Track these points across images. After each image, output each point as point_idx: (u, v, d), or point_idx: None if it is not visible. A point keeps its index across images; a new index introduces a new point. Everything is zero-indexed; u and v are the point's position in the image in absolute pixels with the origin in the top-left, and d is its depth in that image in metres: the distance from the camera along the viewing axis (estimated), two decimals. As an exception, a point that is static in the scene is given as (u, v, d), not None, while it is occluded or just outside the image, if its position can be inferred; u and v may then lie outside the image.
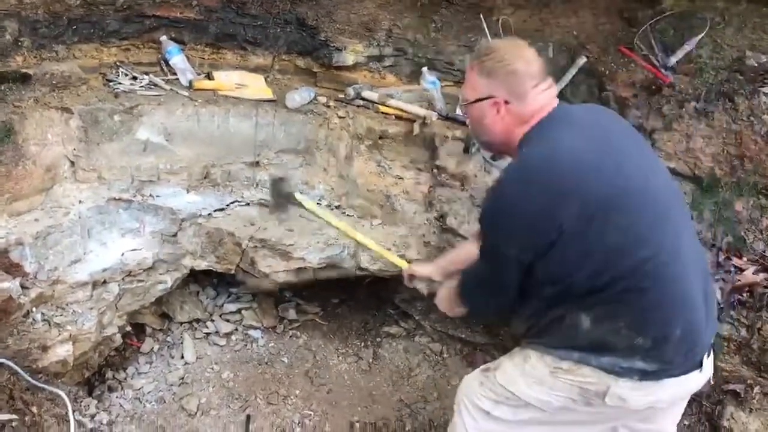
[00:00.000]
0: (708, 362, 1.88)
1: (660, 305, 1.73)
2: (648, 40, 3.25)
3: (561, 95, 3.32)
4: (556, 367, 1.87)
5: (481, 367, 2.20)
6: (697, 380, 1.87)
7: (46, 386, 2.43)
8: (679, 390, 1.86)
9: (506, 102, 1.84)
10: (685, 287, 1.78)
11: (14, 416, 2.15)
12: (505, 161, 3.09)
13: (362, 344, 3.60)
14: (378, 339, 3.64)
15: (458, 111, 3.31)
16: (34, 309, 2.54)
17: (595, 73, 3.30)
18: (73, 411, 2.44)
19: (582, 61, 3.31)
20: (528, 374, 1.94)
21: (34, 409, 2.32)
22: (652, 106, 3.10)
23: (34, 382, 2.38)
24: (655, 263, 1.72)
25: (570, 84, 3.36)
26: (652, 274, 1.72)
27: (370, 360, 3.47)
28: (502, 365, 2.07)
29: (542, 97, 1.86)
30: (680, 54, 3.15)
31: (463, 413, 2.12)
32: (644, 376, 1.77)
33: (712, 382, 2.11)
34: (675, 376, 1.79)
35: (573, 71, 3.34)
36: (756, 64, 2.91)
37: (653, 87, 3.12)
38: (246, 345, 3.47)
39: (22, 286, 2.48)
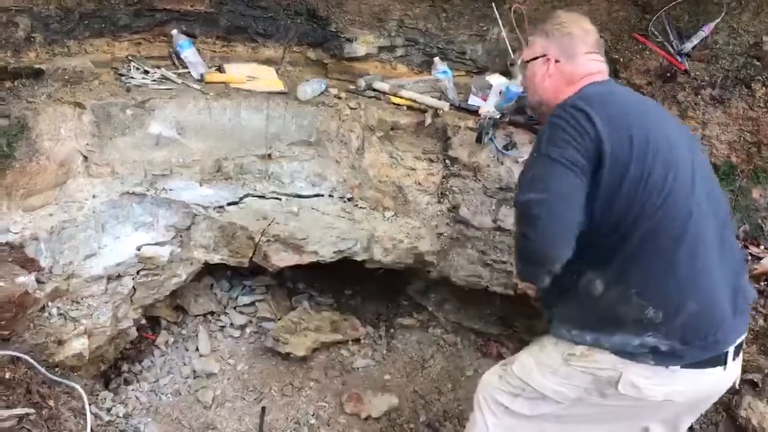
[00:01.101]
0: (734, 364, 1.84)
1: (674, 271, 1.72)
2: (662, 27, 3.21)
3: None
4: (570, 354, 1.87)
5: (500, 362, 2.21)
6: (719, 379, 1.83)
7: (62, 380, 2.45)
8: (697, 385, 1.82)
9: (557, 60, 2.00)
10: (706, 266, 1.75)
11: (32, 410, 2.16)
12: (519, 152, 3.10)
13: (376, 335, 3.60)
14: (392, 330, 3.64)
15: (470, 100, 3.30)
16: (49, 303, 2.56)
17: (609, 60, 3.24)
18: (90, 404, 2.46)
19: (596, 48, 3.28)
20: (542, 363, 1.95)
21: (51, 403, 2.34)
22: (667, 94, 3.07)
23: (50, 376, 2.40)
24: (680, 225, 1.72)
25: (583, 72, 3.33)
26: (673, 235, 1.72)
27: (384, 351, 3.47)
28: (518, 357, 2.08)
29: (592, 63, 1.99)
30: (695, 40, 3.11)
31: (484, 409, 2.11)
32: (658, 357, 1.74)
33: (737, 386, 2.04)
34: (692, 366, 1.76)
35: (586, 59, 3.31)
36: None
37: (668, 74, 3.09)
38: (260, 337, 3.48)
39: (38, 281, 2.49)
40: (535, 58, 2.06)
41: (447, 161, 3.22)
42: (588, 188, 1.73)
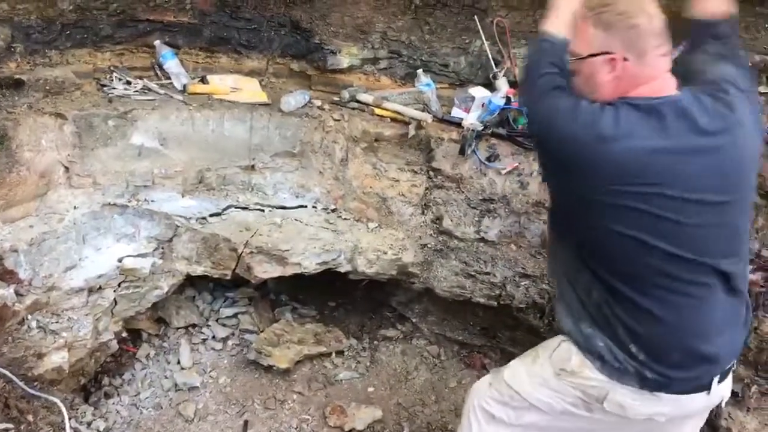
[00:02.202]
0: (722, 386, 1.84)
1: (660, 324, 1.72)
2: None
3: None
4: (561, 369, 1.88)
5: (492, 370, 2.23)
6: (703, 402, 1.84)
7: (41, 394, 2.41)
8: (681, 408, 1.83)
9: (624, 59, 1.66)
10: (703, 314, 1.73)
11: (10, 425, 2.13)
12: (502, 164, 3.12)
13: (360, 347, 3.59)
14: (375, 342, 3.63)
15: (453, 113, 3.31)
16: (29, 316, 2.53)
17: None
18: (69, 418, 2.42)
19: (576, 62, 3.32)
20: (534, 374, 1.96)
21: (30, 418, 2.30)
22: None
23: (29, 390, 2.36)
24: (673, 282, 1.69)
25: (565, 85, 3.36)
26: (662, 294, 1.71)
27: (368, 363, 3.46)
28: (511, 364, 2.10)
29: (662, 62, 1.71)
30: (674, 55, 3.15)
31: (470, 416, 2.12)
32: (643, 382, 1.75)
33: (724, 405, 2.04)
34: (675, 393, 1.77)
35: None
36: (750, 64, 2.91)
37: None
38: (243, 350, 3.45)
39: (17, 293, 2.46)
40: (594, 55, 1.70)
41: (430, 173, 3.23)
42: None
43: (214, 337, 3.47)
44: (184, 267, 3.04)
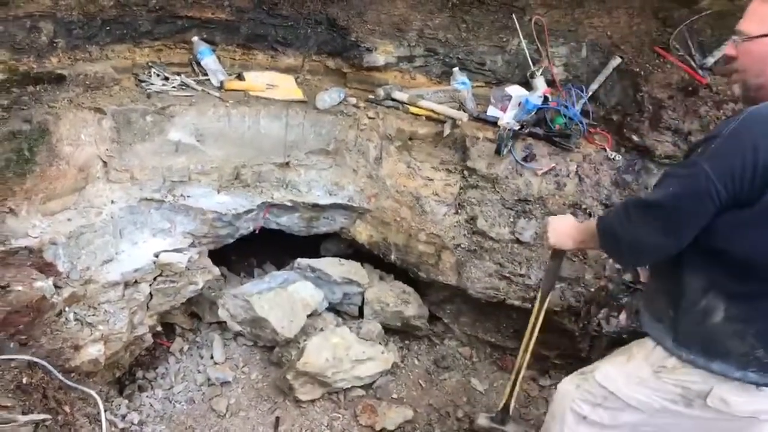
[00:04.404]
0: None
1: None
2: (684, 41, 3.19)
3: (595, 96, 3.30)
4: (661, 366, 1.84)
5: (576, 371, 2.18)
6: None
7: (78, 386, 2.44)
8: None
9: None
10: None
11: (48, 416, 2.15)
12: (538, 164, 3.07)
13: (391, 347, 3.57)
14: (406, 341, 3.61)
15: (489, 111, 3.28)
16: (66, 308, 2.55)
17: (630, 73, 3.24)
18: (105, 411, 2.45)
19: (617, 61, 3.26)
20: (630, 374, 1.93)
21: (67, 409, 2.32)
22: (689, 108, 3.04)
23: (67, 381, 2.39)
24: None
25: (603, 84, 3.31)
26: None
27: (399, 363, 3.44)
28: (600, 366, 2.06)
29: None
30: (717, 54, 3.08)
31: (558, 419, 2.10)
32: (752, 381, 1.72)
33: None
34: None
35: (607, 72, 3.29)
36: None
37: (690, 88, 3.06)
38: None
39: (55, 286, 2.49)
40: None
41: (465, 172, 3.20)
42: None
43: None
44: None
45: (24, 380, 2.21)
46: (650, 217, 1.72)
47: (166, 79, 3.04)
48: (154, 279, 2.88)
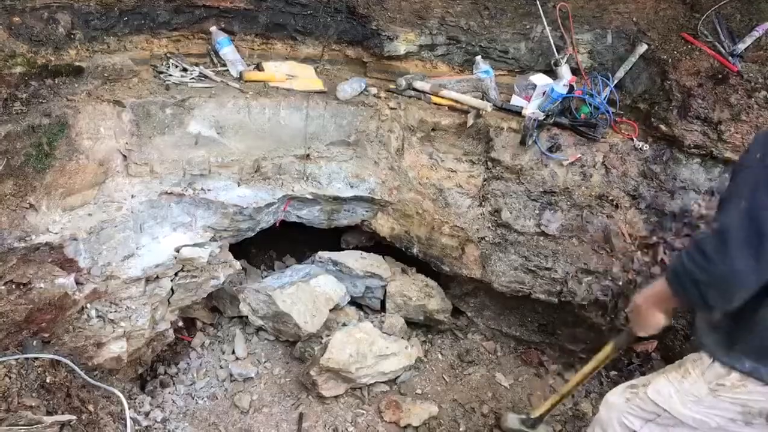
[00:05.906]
0: None
1: None
2: (712, 26, 3.11)
3: (621, 84, 3.23)
4: (719, 384, 1.80)
5: (626, 383, 2.15)
6: None
7: (101, 384, 2.41)
8: None
9: None
10: None
11: (73, 417, 2.12)
12: (564, 155, 3.01)
13: (414, 342, 3.53)
14: (430, 335, 3.56)
15: (513, 101, 3.21)
16: (88, 305, 2.52)
17: (657, 61, 3.16)
18: (128, 408, 2.41)
19: (643, 48, 3.18)
20: (685, 392, 1.88)
21: (91, 408, 2.29)
22: (719, 96, 2.96)
23: (90, 380, 2.36)
24: None
25: (630, 72, 3.23)
26: None
27: (423, 358, 3.39)
28: (654, 381, 2.01)
29: None
30: (748, 41, 3.01)
31: (606, 430, 2.07)
32: None
33: None
34: None
35: (633, 59, 3.21)
36: None
37: (719, 76, 2.98)
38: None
39: (77, 282, 2.45)
40: None
41: (489, 163, 3.14)
42: None
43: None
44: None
45: (48, 379, 2.18)
46: (729, 244, 1.57)
47: (185, 70, 2.98)
48: (175, 274, 2.84)
